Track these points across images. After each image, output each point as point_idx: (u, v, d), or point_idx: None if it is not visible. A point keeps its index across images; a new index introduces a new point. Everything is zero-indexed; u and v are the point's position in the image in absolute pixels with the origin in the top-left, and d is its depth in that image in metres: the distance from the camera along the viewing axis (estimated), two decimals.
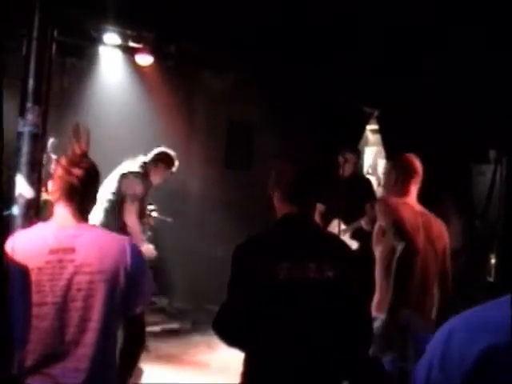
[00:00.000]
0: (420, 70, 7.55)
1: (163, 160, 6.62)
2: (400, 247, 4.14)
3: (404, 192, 4.49)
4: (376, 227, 4.52)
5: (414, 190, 4.52)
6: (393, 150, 8.69)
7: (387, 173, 4.77)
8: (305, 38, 7.35)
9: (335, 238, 3.46)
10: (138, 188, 6.45)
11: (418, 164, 4.57)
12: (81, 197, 2.83)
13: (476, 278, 6.87)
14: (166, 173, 6.72)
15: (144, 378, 5.75)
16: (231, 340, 3.07)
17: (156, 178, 6.65)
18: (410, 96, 7.87)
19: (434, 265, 4.38)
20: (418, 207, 4.51)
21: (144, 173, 6.52)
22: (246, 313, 2.92)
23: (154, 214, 7.20)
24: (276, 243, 3.02)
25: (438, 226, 4.50)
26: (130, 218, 6.32)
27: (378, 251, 4.45)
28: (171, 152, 6.69)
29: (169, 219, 8.20)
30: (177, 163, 6.69)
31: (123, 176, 6.44)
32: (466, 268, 6.79)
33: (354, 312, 3.04)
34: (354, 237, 6.98)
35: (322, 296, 2.95)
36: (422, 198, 4.59)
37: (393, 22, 6.81)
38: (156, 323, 7.95)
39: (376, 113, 9.15)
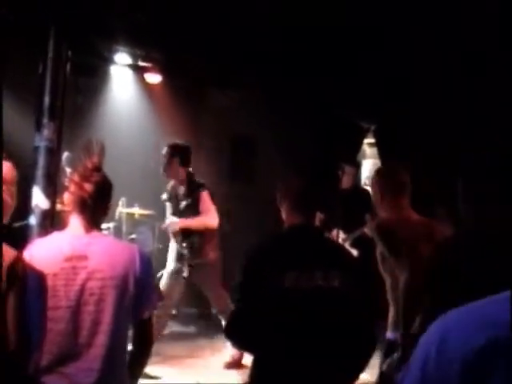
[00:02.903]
0: (414, 86, 7.60)
1: None
2: (403, 278, 3.81)
3: (393, 206, 4.09)
4: (377, 250, 4.10)
5: (404, 201, 4.11)
6: (388, 162, 8.73)
7: (372, 188, 4.32)
8: (305, 56, 7.41)
9: (341, 248, 3.46)
10: None
11: (402, 174, 4.19)
12: (92, 209, 2.88)
13: None
14: None
15: (150, 379, 5.81)
16: (240, 343, 3.10)
17: None
18: (405, 111, 7.92)
19: None
20: (416, 217, 4.12)
21: None
22: (254, 318, 2.95)
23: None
24: (284, 252, 3.05)
25: (441, 233, 3.95)
26: None
27: (385, 274, 4.09)
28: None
29: None
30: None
31: None
32: None
33: (358, 320, 3.05)
34: (353, 245, 7.02)
35: (327, 304, 2.97)
36: (415, 208, 4.41)
37: (391, 39, 6.86)
38: None
39: (372, 127, 9.20)
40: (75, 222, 2.89)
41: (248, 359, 3.16)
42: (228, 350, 6.86)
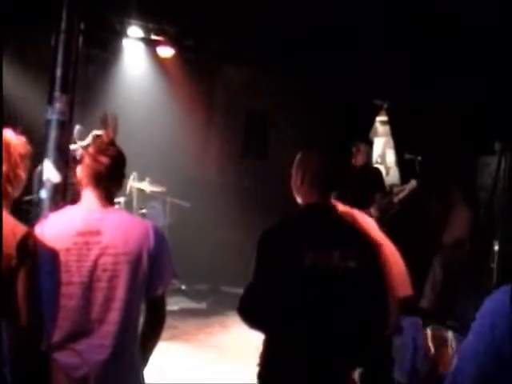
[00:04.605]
0: (427, 64, 7.52)
1: None
2: None
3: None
4: None
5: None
6: (401, 140, 8.69)
7: None
8: (320, 31, 7.33)
9: (358, 228, 3.42)
10: None
11: None
12: (107, 183, 2.84)
13: (480, 265, 6.84)
14: None
15: (161, 355, 5.78)
16: (254, 322, 3.02)
17: None
18: (418, 88, 7.85)
19: None
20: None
21: None
22: (269, 297, 2.90)
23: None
24: (302, 231, 2.99)
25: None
26: None
27: None
28: None
29: (186, 204, 8.23)
30: None
31: None
32: (471, 255, 6.77)
33: (373, 301, 3.00)
34: None
35: (343, 284, 2.91)
36: (430, 189, 4.47)
37: (407, 16, 6.77)
38: (174, 303, 8.00)
39: (385, 105, 9.12)
40: (89, 196, 2.84)
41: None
42: (238, 327, 6.85)
